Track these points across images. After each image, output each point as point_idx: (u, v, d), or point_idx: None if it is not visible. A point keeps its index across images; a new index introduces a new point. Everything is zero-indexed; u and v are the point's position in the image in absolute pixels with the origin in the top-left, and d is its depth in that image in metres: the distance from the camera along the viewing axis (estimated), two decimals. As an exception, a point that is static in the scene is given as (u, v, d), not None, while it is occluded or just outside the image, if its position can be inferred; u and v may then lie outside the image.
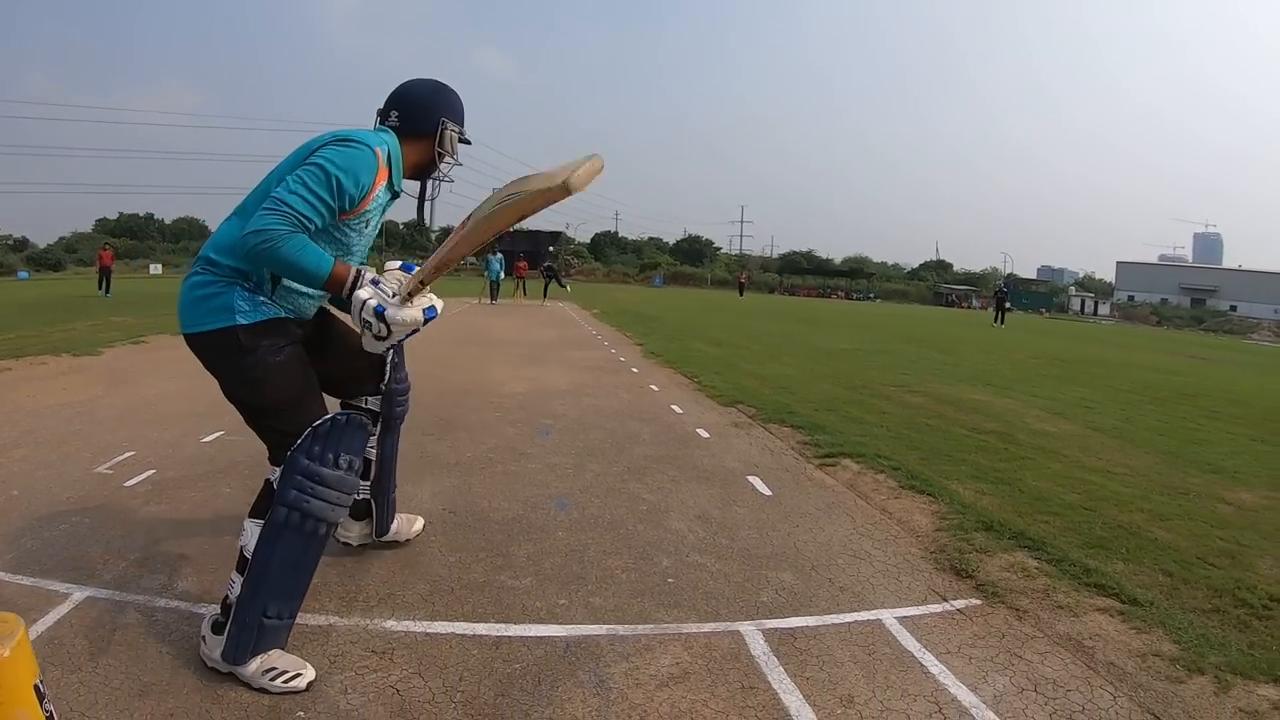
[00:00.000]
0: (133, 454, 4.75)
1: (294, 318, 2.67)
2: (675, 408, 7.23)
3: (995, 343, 20.18)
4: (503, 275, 27.11)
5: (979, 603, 3.23)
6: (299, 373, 2.60)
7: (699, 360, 10.96)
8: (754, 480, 4.84)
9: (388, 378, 3.23)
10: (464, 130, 2.89)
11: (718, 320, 22.46)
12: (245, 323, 2.49)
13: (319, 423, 2.47)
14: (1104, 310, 77.72)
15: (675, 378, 9.32)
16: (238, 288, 2.51)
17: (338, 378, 3.05)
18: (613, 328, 17.13)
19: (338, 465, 2.47)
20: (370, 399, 3.22)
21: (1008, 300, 36.92)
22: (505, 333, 14.76)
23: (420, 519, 3.69)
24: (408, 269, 2.66)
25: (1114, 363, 16.22)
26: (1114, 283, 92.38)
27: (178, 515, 3.75)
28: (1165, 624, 3.03)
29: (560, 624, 2.84)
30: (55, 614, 2.70)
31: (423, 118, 2.78)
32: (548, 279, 28.61)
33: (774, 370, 10.36)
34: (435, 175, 2.90)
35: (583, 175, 2.25)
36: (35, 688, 1.55)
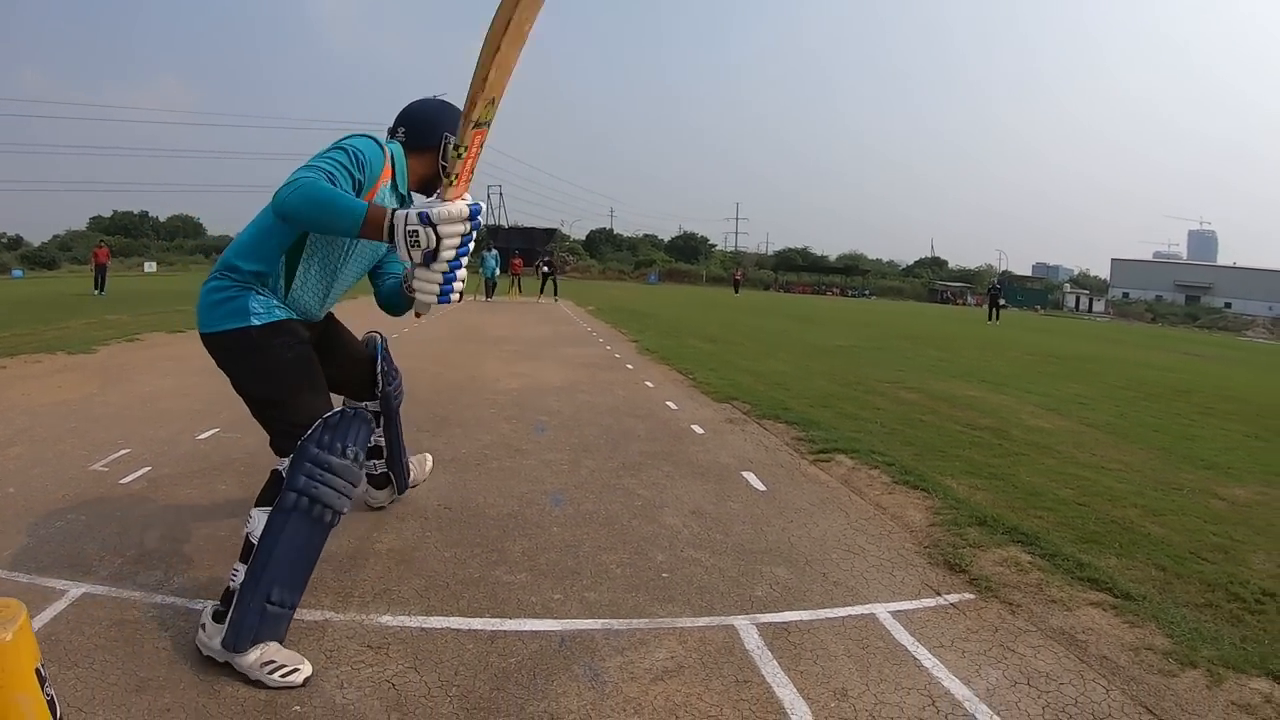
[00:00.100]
0: (128, 451, 4.75)
1: (302, 320, 2.82)
2: (670, 404, 7.25)
3: (990, 340, 20.21)
4: (498, 272, 26.91)
5: (972, 597, 3.24)
6: (308, 369, 2.75)
7: (694, 357, 10.99)
8: (748, 476, 4.86)
9: (380, 386, 3.50)
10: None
11: (713, 317, 22.48)
12: (258, 324, 2.64)
13: (330, 414, 2.60)
14: (1099, 307, 77.89)
15: (670, 374, 9.34)
16: (253, 292, 2.66)
17: (340, 381, 3.25)
18: (608, 324, 17.17)
19: (344, 455, 2.58)
20: (370, 403, 3.49)
21: (1002, 297, 37.04)
22: (500, 329, 14.77)
23: (429, 457, 4.23)
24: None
25: (1108, 359, 16.27)
26: (1109, 280, 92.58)
27: (173, 512, 3.76)
28: (1158, 618, 3.05)
29: (555, 618, 2.86)
30: (52, 610, 2.71)
31: (427, 132, 2.89)
32: (546, 276, 27.93)
33: (769, 367, 10.39)
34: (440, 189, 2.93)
35: None
36: (36, 671, 1.57)
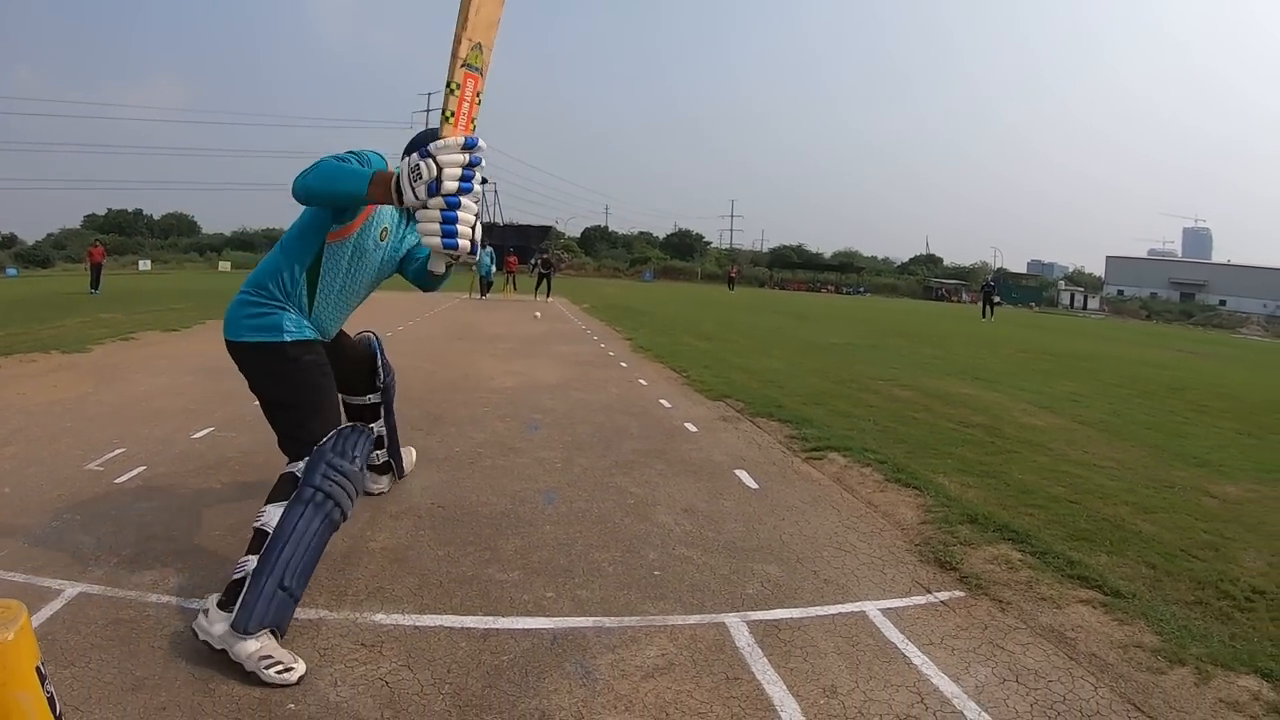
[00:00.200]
0: (123, 451, 4.77)
1: (321, 340, 3.13)
2: (663, 402, 7.28)
3: (984, 337, 20.26)
4: (494, 270, 26.64)
5: (962, 594, 3.27)
6: (327, 385, 3.07)
7: (688, 354, 11.02)
8: (741, 474, 4.88)
9: (380, 377, 3.91)
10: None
11: (707, 315, 22.50)
12: (290, 340, 2.95)
13: (345, 426, 2.94)
14: (1093, 304, 78.10)
15: (664, 372, 9.37)
16: (286, 311, 2.97)
17: (343, 378, 3.53)
18: (602, 322, 17.20)
19: (354, 462, 2.85)
20: (370, 395, 3.90)
21: (996, 294, 37.11)
22: (495, 328, 14.78)
23: (413, 450, 4.64)
24: None
25: (1102, 357, 16.32)
26: (1103, 277, 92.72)
27: (169, 511, 3.78)
28: (1147, 615, 3.08)
29: (547, 616, 2.88)
30: (49, 610, 2.73)
31: (422, 143, 2.87)
32: (542, 277, 27.04)
33: (763, 364, 10.41)
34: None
35: None
36: (37, 670, 1.60)
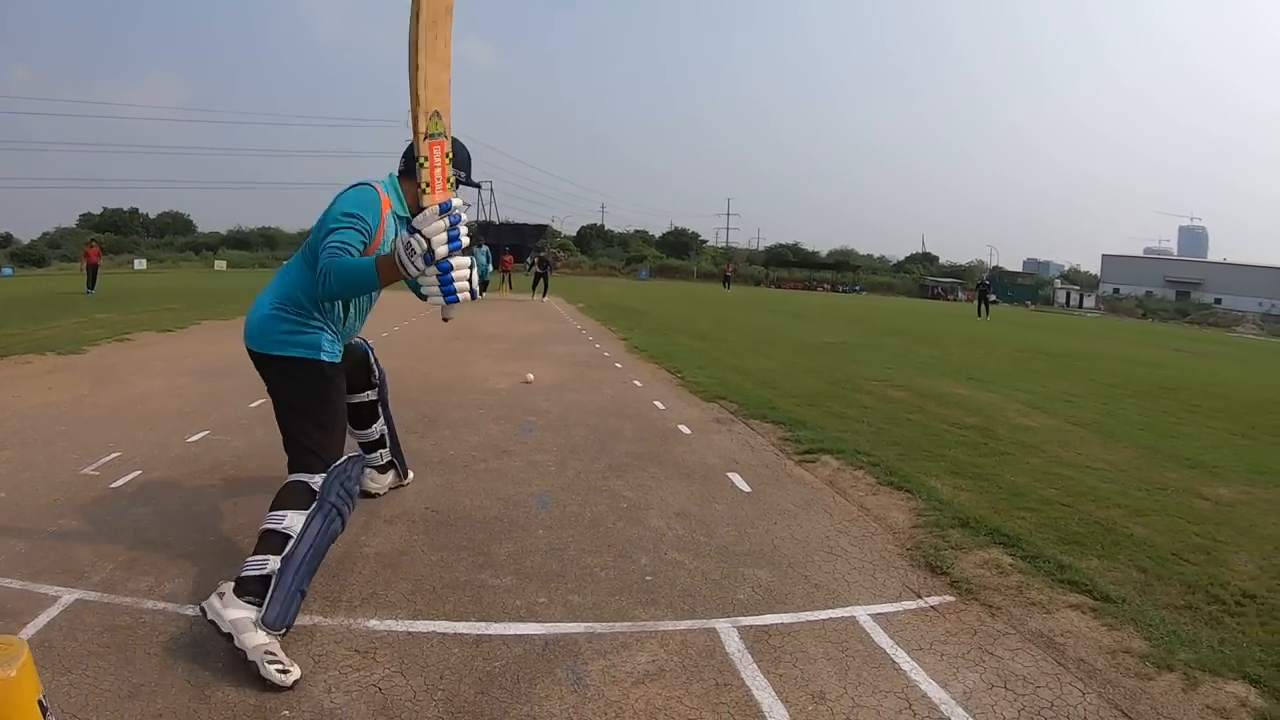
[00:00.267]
0: (119, 455, 4.78)
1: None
2: (658, 403, 7.30)
3: (979, 336, 20.32)
4: (490, 269, 26.28)
5: (953, 599, 3.30)
6: (344, 407, 3.29)
7: (683, 355, 11.05)
8: (734, 477, 4.91)
9: (376, 373, 4.10)
10: (466, 173, 3.33)
11: (703, 314, 22.53)
12: (327, 360, 3.14)
13: (354, 454, 3.15)
14: (1089, 303, 78.19)
15: (659, 373, 9.40)
16: (324, 332, 3.15)
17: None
18: (598, 322, 17.21)
19: (356, 485, 3.07)
20: (368, 392, 4.07)
21: (991, 292, 37.17)
22: (490, 327, 14.77)
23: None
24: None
25: (1097, 356, 16.40)
26: (1099, 275, 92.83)
27: (164, 517, 3.80)
28: (1137, 621, 3.10)
29: (539, 622, 2.91)
30: (45, 616, 2.76)
31: (410, 159, 3.13)
32: (539, 277, 26.62)
33: (757, 365, 10.45)
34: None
35: None
36: (39, 704, 1.62)
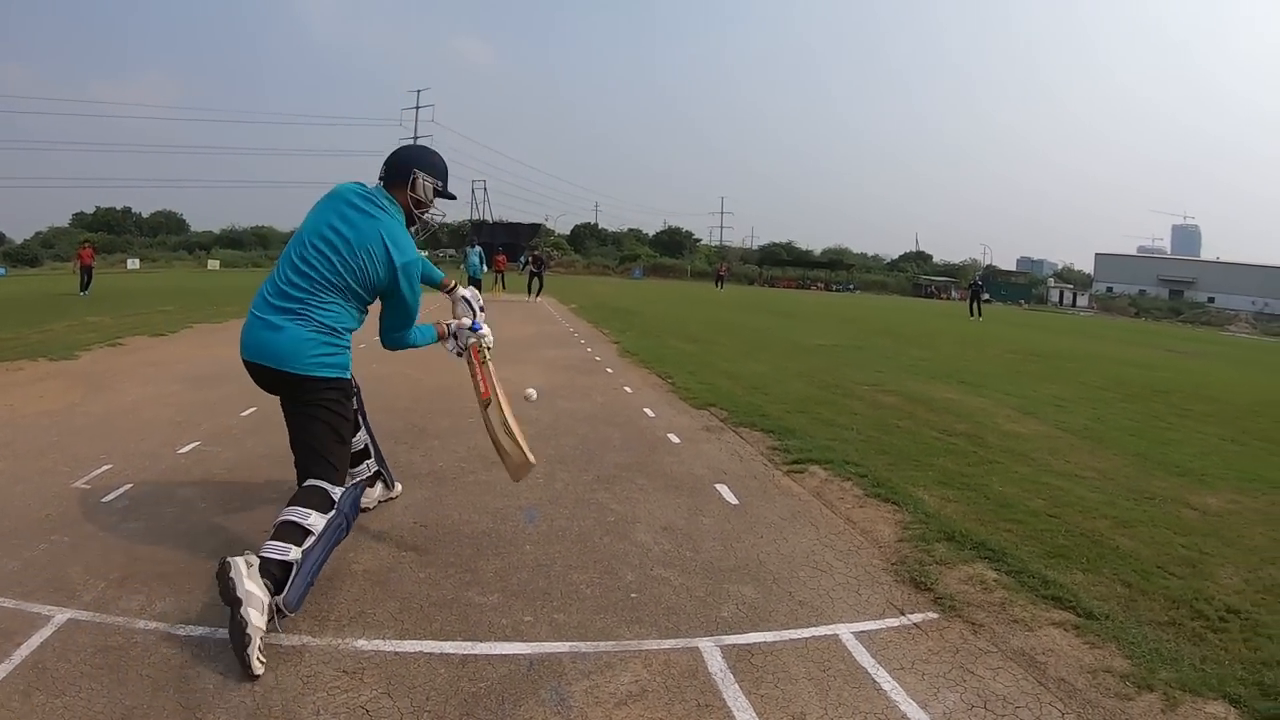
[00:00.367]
0: (110, 467, 4.81)
1: None
2: (648, 411, 7.34)
3: (972, 336, 20.38)
4: (484, 270, 26.02)
5: (936, 616, 3.31)
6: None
7: (674, 359, 11.09)
8: (721, 489, 4.95)
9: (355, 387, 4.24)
10: (443, 184, 3.62)
11: (695, 314, 22.58)
12: (349, 378, 3.47)
13: (359, 479, 3.73)
14: (1082, 302, 78.47)
15: (649, 378, 9.44)
16: (348, 352, 3.45)
17: None
18: (590, 323, 17.25)
19: (359, 505, 3.48)
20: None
21: (985, 292, 37.33)
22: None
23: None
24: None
25: (1089, 357, 16.48)
26: (1092, 274, 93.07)
27: (155, 532, 3.84)
28: (1119, 638, 3.11)
29: (525, 641, 2.95)
30: (39, 637, 2.79)
31: (397, 171, 3.51)
32: (533, 274, 26.43)
33: (748, 369, 10.49)
34: (415, 221, 3.62)
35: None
36: None
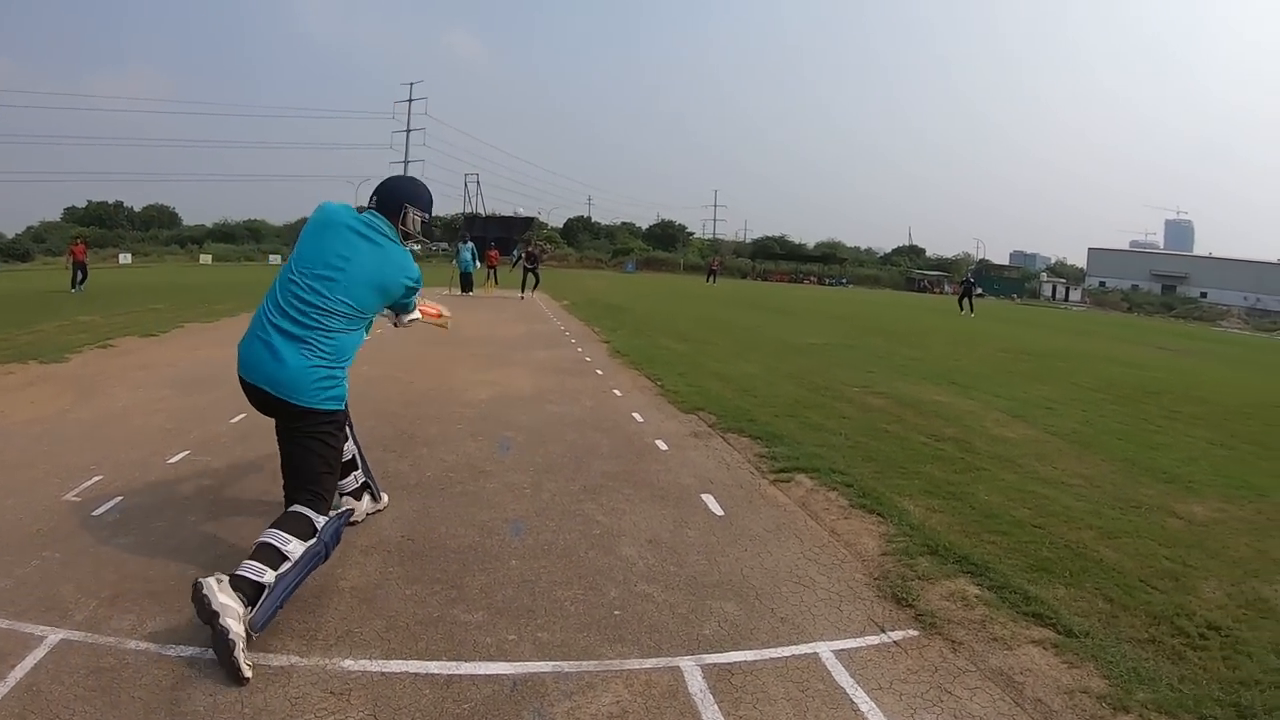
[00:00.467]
0: (100, 478, 4.83)
1: None
2: (636, 415, 7.37)
3: (964, 334, 20.47)
4: (476, 265, 25.97)
5: (916, 634, 3.34)
6: None
7: (664, 360, 11.10)
8: (707, 499, 4.98)
9: None
10: (428, 215, 3.85)
11: (687, 311, 22.65)
12: (344, 409, 3.64)
13: (346, 509, 3.78)
14: (1075, 296, 78.70)
15: (639, 380, 9.46)
16: (345, 383, 3.57)
17: None
18: (581, 321, 17.28)
19: (342, 531, 3.56)
20: None
21: (977, 287, 37.44)
22: (473, 329, 14.78)
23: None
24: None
25: (1080, 355, 16.60)
26: (1085, 269, 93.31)
27: (146, 548, 3.86)
28: (1098, 657, 3.13)
29: (509, 661, 2.99)
30: (33, 658, 2.82)
31: (389, 203, 3.74)
32: (527, 270, 25.82)
33: (738, 370, 10.52)
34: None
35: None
36: None
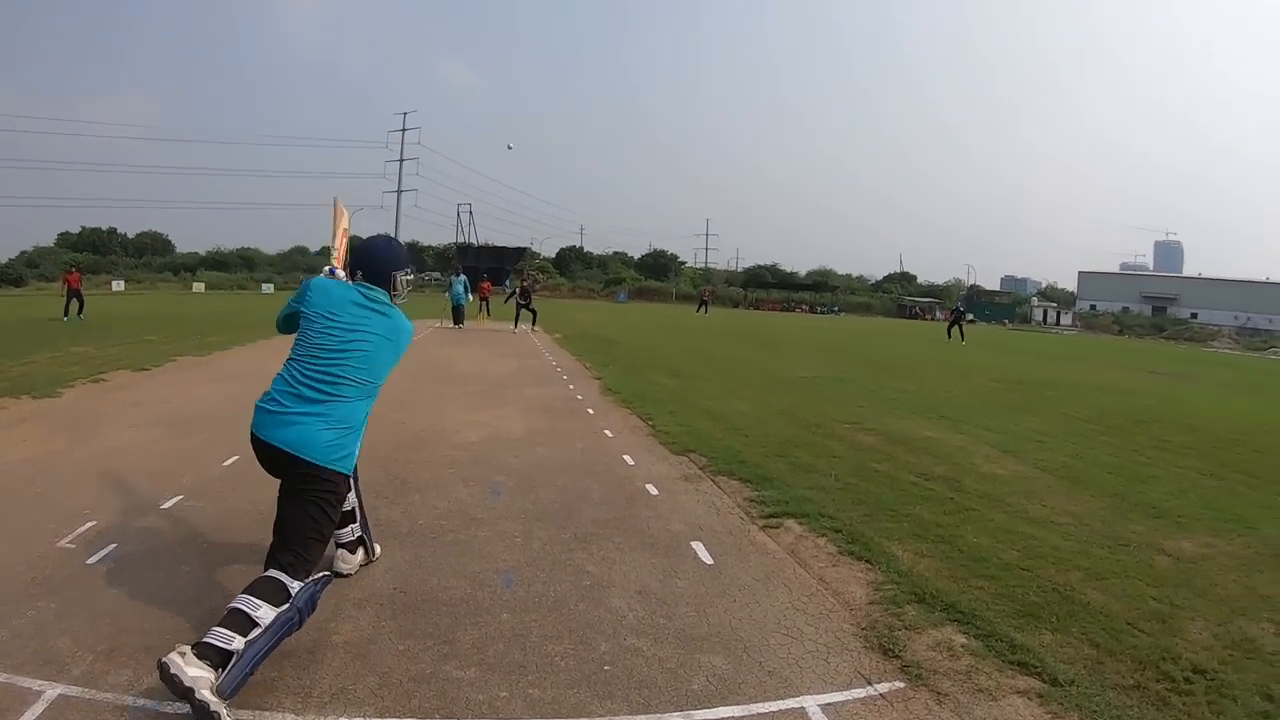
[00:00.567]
0: (94, 524, 4.84)
1: None
2: (627, 458, 7.38)
3: (955, 364, 20.58)
4: (468, 298, 25.74)
5: (902, 685, 3.34)
6: None
7: (655, 397, 11.15)
8: (697, 546, 4.99)
9: None
10: (410, 270, 4.00)
11: (678, 344, 22.77)
12: (351, 473, 3.79)
13: (325, 574, 3.60)
14: (1066, 320, 79.15)
15: (630, 420, 9.49)
16: (356, 450, 3.74)
17: None
18: (573, 356, 17.33)
19: (318, 598, 3.45)
20: None
21: (968, 314, 37.73)
22: (465, 365, 14.84)
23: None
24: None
25: (1070, 385, 16.70)
26: (1076, 292, 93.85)
27: (141, 599, 3.87)
28: (1082, 706, 3.14)
29: (500, 718, 3.00)
30: (31, 714, 2.82)
31: (378, 274, 3.90)
32: (520, 306, 25.25)
33: (729, 407, 10.57)
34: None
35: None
36: None
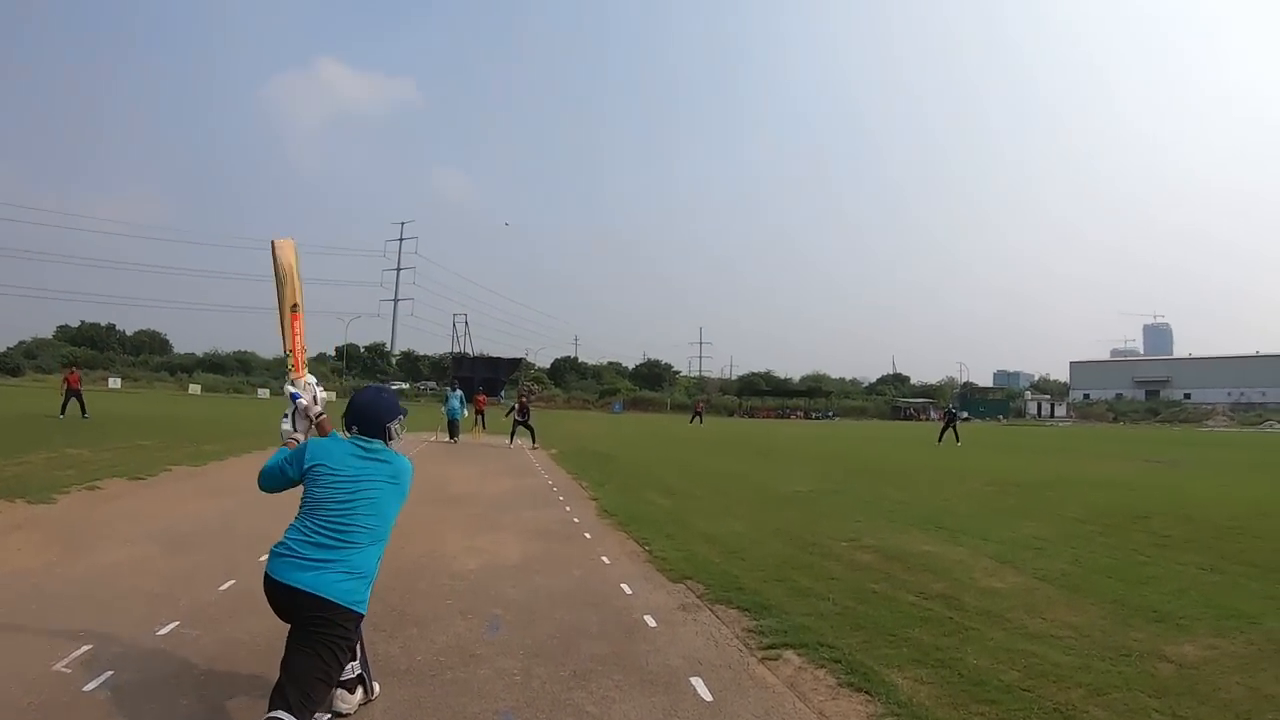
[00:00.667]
0: (90, 648, 4.83)
1: None
2: (625, 587, 7.30)
3: (950, 469, 20.54)
4: (464, 413, 25.69)
5: None
6: None
7: (651, 519, 11.13)
8: (696, 682, 4.91)
9: None
10: (401, 416, 4.25)
11: (673, 457, 22.90)
12: (363, 615, 3.93)
13: (328, 715, 3.83)
14: (1060, 411, 79.44)
15: (626, 545, 9.43)
16: (368, 593, 3.92)
17: None
18: (569, 474, 17.38)
19: None
20: None
21: (962, 413, 37.96)
22: (461, 484, 14.84)
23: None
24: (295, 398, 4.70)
25: (1067, 483, 16.70)
26: (1069, 382, 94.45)
27: (137, 733, 3.81)
28: None
29: None
30: None
31: (373, 427, 4.14)
32: (518, 422, 25.19)
33: (725, 528, 10.51)
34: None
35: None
36: None
